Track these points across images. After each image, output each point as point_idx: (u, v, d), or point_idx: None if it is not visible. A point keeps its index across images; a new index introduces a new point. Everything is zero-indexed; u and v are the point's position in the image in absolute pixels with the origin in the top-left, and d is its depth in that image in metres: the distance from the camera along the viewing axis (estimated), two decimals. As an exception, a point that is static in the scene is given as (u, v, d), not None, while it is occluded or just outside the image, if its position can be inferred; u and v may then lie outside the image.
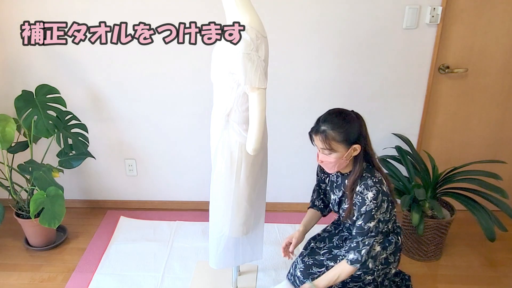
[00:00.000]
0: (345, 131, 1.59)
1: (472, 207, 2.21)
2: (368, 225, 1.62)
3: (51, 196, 2.23)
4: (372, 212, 1.61)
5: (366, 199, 1.61)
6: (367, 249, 1.63)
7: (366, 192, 1.61)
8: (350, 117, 1.62)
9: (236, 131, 1.70)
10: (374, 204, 1.60)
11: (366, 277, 1.74)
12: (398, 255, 1.81)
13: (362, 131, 1.62)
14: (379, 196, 1.61)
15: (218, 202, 1.86)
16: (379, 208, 1.61)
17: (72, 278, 2.29)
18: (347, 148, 1.61)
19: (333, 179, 1.82)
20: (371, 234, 1.62)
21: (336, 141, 1.59)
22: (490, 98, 2.54)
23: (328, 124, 1.60)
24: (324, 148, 1.62)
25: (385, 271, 1.78)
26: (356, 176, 1.65)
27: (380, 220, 1.63)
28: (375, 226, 1.62)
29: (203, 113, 2.54)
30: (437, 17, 2.30)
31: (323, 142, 1.61)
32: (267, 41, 1.64)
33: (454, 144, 2.68)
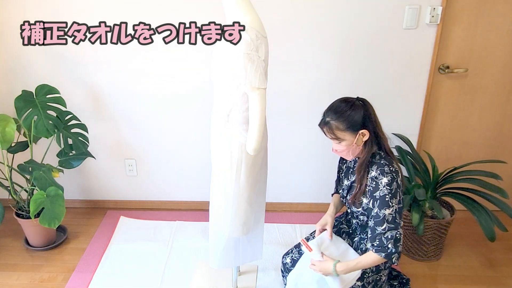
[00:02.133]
0: (347, 119, 1.59)
1: (472, 207, 2.21)
2: (383, 212, 1.58)
3: (51, 196, 2.23)
4: (386, 198, 1.58)
5: (380, 184, 1.59)
6: (392, 242, 1.59)
7: (381, 177, 1.60)
8: (352, 104, 1.62)
9: (236, 131, 1.70)
10: (388, 190, 1.58)
11: (356, 283, 1.73)
12: (389, 263, 1.79)
13: (369, 116, 1.62)
14: (393, 183, 1.59)
15: (218, 202, 1.86)
16: (393, 196, 1.59)
17: (72, 278, 2.29)
18: (354, 134, 1.60)
19: (350, 165, 1.81)
20: (390, 226, 1.58)
21: (340, 130, 1.60)
22: (490, 98, 2.54)
23: (331, 114, 1.62)
24: (332, 138, 1.63)
25: (375, 278, 1.76)
26: (363, 159, 1.64)
27: (396, 210, 1.59)
28: (391, 215, 1.58)
29: (203, 113, 2.54)
30: (437, 17, 2.30)
31: (329, 132, 1.63)
32: (267, 41, 1.64)
33: (454, 144, 2.68)
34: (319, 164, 2.75)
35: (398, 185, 1.61)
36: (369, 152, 1.64)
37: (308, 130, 2.63)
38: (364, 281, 1.73)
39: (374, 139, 1.65)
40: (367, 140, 1.64)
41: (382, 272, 1.76)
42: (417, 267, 2.38)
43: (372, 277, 1.74)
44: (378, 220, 1.60)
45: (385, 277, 1.80)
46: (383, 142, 1.66)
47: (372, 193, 1.62)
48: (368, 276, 1.73)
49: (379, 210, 1.60)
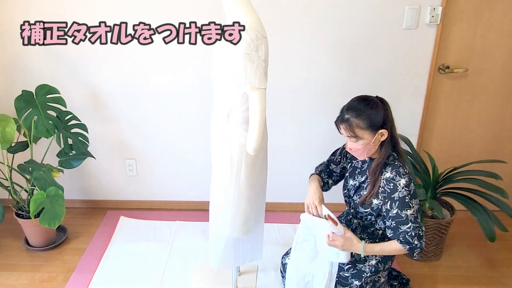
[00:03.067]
0: (369, 118, 1.58)
1: (472, 207, 2.21)
2: (405, 213, 1.59)
3: (51, 196, 2.23)
4: (406, 199, 1.58)
5: (398, 185, 1.59)
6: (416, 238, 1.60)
7: (399, 179, 1.60)
8: (374, 103, 1.61)
9: (236, 131, 1.70)
10: (407, 191, 1.58)
11: (354, 282, 1.73)
12: (389, 264, 1.80)
13: (388, 116, 1.61)
14: (411, 184, 1.59)
15: (218, 202, 1.86)
16: (412, 197, 1.59)
17: (72, 278, 2.29)
18: (373, 134, 1.60)
19: (357, 165, 1.80)
20: (414, 225, 1.59)
21: (360, 128, 1.59)
22: (490, 98, 2.54)
23: (352, 112, 1.60)
24: (350, 136, 1.62)
25: (373, 278, 1.76)
26: (380, 159, 1.64)
27: (416, 210, 1.60)
28: (413, 215, 1.58)
29: (203, 113, 2.54)
30: (437, 17, 2.30)
31: (348, 130, 1.61)
32: (267, 41, 1.64)
33: (454, 144, 2.67)
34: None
35: (414, 186, 1.62)
36: (386, 153, 1.63)
37: (308, 130, 2.63)
38: (362, 281, 1.73)
39: (390, 140, 1.64)
40: (383, 141, 1.63)
41: (381, 273, 1.76)
42: (417, 267, 2.38)
43: (371, 278, 1.74)
44: (401, 220, 1.60)
45: (384, 278, 1.80)
46: (397, 145, 1.66)
47: (390, 195, 1.61)
48: (367, 277, 1.72)
49: (400, 211, 1.59)
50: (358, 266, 1.73)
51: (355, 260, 1.75)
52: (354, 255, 1.76)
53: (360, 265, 1.73)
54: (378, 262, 1.74)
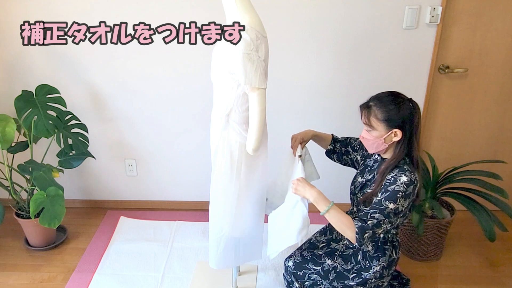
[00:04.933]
0: (389, 112, 1.56)
1: (472, 207, 2.21)
2: (387, 203, 1.55)
3: (51, 196, 2.23)
4: (398, 194, 1.54)
5: (398, 180, 1.55)
6: (374, 223, 1.55)
7: (401, 175, 1.56)
8: (401, 101, 1.58)
9: (236, 131, 1.70)
10: (404, 188, 1.54)
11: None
12: (392, 270, 1.79)
13: (411, 119, 1.57)
14: (410, 186, 1.55)
15: (218, 202, 1.86)
16: (404, 197, 1.55)
17: (72, 278, 2.29)
18: (387, 130, 1.57)
19: (369, 164, 1.78)
20: (386, 214, 1.55)
21: (377, 119, 1.58)
22: (490, 98, 2.54)
23: (376, 101, 1.59)
24: (366, 123, 1.61)
25: (377, 283, 1.76)
26: (392, 161, 1.60)
27: (399, 209, 1.55)
28: (393, 211, 1.55)
29: (203, 113, 2.54)
30: (437, 17, 2.30)
31: (365, 117, 1.61)
32: (267, 41, 1.64)
33: (454, 144, 2.68)
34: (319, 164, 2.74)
35: (413, 193, 1.58)
36: (398, 157, 1.60)
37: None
38: (366, 286, 1.73)
39: (407, 145, 1.60)
40: (399, 143, 1.60)
41: (385, 278, 1.76)
42: (417, 267, 2.38)
43: (375, 283, 1.74)
44: (377, 206, 1.56)
45: (387, 283, 1.80)
46: (413, 151, 1.61)
47: (386, 187, 1.57)
48: (371, 282, 1.73)
49: (384, 200, 1.55)
50: (363, 274, 1.73)
51: (360, 267, 1.75)
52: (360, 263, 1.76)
53: (365, 273, 1.73)
54: (383, 268, 1.73)
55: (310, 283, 1.80)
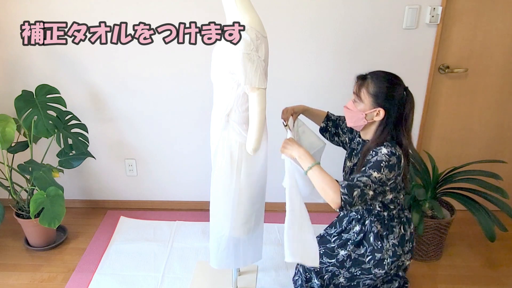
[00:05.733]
0: (380, 88, 1.55)
1: (472, 207, 2.21)
2: (371, 171, 1.50)
3: (51, 196, 2.23)
4: (382, 164, 1.50)
5: (379, 152, 1.52)
6: (361, 186, 1.48)
7: (380, 148, 1.53)
8: (396, 83, 1.57)
9: (236, 131, 1.70)
10: (386, 158, 1.50)
11: (378, 271, 1.70)
12: (409, 247, 1.73)
13: (400, 105, 1.54)
14: (393, 157, 1.51)
15: (219, 202, 1.86)
16: (388, 168, 1.50)
17: (72, 278, 2.29)
18: (372, 106, 1.56)
19: (354, 147, 1.77)
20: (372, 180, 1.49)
21: (367, 92, 1.57)
22: (490, 98, 2.54)
23: (374, 75, 1.59)
24: (355, 93, 1.61)
25: (397, 263, 1.71)
26: (372, 144, 1.58)
27: (383, 179, 1.50)
28: (377, 179, 1.49)
29: (203, 113, 2.54)
30: (437, 17, 2.30)
31: (357, 87, 1.60)
32: (267, 41, 1.64)
33: (454, 144, 2.68)
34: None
35: (398, 166, 1.52)
36: (379, 140, 1.57)
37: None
38: (386, 268, 1.69)
39: (389, 130, 1.57)
40: (380, 125, 1.57)
41: (403, 256, 1.72)
42: (417, 267, 2.38)
43: (394, 264, 1.71)
44: (361, 173, 1.51)
45: (408, 261, 1.76)
46: (402, 139, 1.57)
47: (369, 160, 1.54)
48: (389, 264, 1.69)
49: (368, 169, 1.51)
50: (376, 255, 1.70)
51: (373, 249, 1.71)
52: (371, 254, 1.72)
53: (378, 254, 1.70)
54: (395, 246, 1.69)
55: (329, 275, 1.77)
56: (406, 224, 1.74)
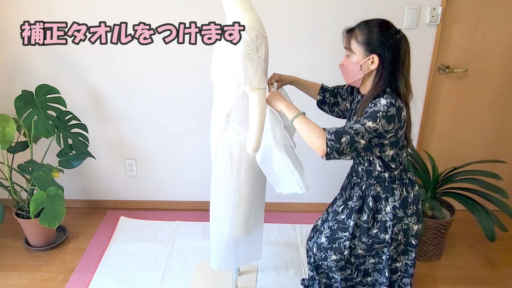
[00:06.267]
0: (370, 34, 1.49)
1: (472, 207, 2.21)
2: (365, 121, 1.44)
3: (51, 196, 2.23)
4: (378, 114, 1.44)
5: (378, 103, 1.46)
6: (351, 133, 1.43)
7: (379, 99, 1.47)
8: (386, 26, 1.50)
9: (236, 131, 1.70)
10: (384, 108, 1.44)
11: (384, 236, 1.66)
12: (412, 210, 1.67)
13: (394, 49, 1.47)
14: (392, 108, 1.45)
15: (219, 202, 1.86)
16: (386, 118, 1.44)
17: (72, 278, 2.29)
18: (365, 55, 1.50)
19: (353, 107, 1.72)
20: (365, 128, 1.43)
21: (357, 42, 1.51)
22: (490, 98, 2.54)
23: (362, 24, 1.53)
24: (346, 47, 1.55)
25: (400, 227, 1.67)
26: (370, 94, 1.52)
27: (380, 130, 1.44)
28: (372, 129, 1.44)
29: (203, 113, 2.54)
30: (437, 17, 2.30)
31: (346, 40, 1.54)
32: (267, 41, 1.64)
33: (454, 144, 2.68)
34: (319, 164, 2.75)
35: (397, 117, 1.46)
36: (377, 89, 1.51)
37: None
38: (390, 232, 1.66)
39: (386, 77, 1.51)
40: (377, 74, 1.51)
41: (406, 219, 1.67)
42: (417, 267, 2.38)
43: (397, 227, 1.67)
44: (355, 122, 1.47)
45: (416, 226, 1.69)
46: (400, 86, 1.51)
47: (366, 112, 1.48)
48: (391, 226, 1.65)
49: (363, 119, 1.46)
50: (377, 217, 1.68)
51: (374, 213, 1.68)
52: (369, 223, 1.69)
53: (379, 216, 1.67)
54: (395, 208, 1.65)
55: (348, 251, 1.73)
56: (409, 186, 1.67)
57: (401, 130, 1.51)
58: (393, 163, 1.61)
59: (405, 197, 1.66)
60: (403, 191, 1.66)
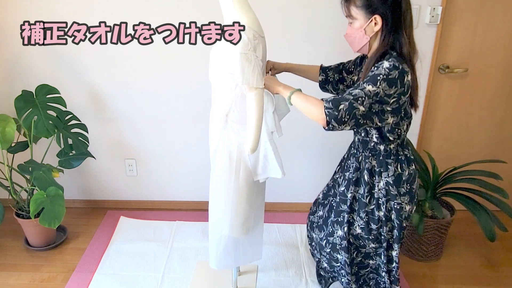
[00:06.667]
0: None
1: (472, 207, 2.21)
2: (365, 85, 1.42)
3: (51, 196, 2.23)
4: (378, 77, 1.41)
5: (380, 66, 1.44)
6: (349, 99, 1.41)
7: (383, 62, 1.44)
8: None
9: (235, 131, 1.70)
10: (386, 71, 1.41)
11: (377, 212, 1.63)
12: (406, 189, 1.63)
13: (395, 5, 1.44)
14: (394, 71, 1.41)
15: (218, 202, 1.86)
16: (387, 82, 1.41)
17: (72, 278, 2.29)
18: (367, 17, 1.48)
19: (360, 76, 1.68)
20: (365, 93, 1.41)
21: (355, 6, 1.49)
22: (490, 98, 2.54)
23: None
24: (347, 15, 1.53)
25: (393, 206, 1.63)
26: (374, 54, 1.50)
27: (381, 94, 1.41)
28: (372, 93, 1.41)
29: (203, 113, 2.54)
30: (437, 17, 2.30)
31: (346, 8, 1.52)
32: (265, 41, 1.64)
33: (454, 144, 2.68)
34: (319, 164, 2.75)
35: (400, 81, 1.42)
36: (379, 49, 1.49)
37: (307, 129, 2.63)
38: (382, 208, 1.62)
39: (390, 36, 1.48)
40: (381, 34, 1.49)
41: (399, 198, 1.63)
42: (417, 267, 2.38)
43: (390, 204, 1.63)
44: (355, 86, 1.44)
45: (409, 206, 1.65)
46: (403, 46, 1.47)
47: (367, 76, 1.46)
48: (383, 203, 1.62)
49: (363, 83, 1.43)
50: (373, 193, 1.66)
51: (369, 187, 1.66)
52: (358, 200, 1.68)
53: (374, 191, 1.65)
54: (388, 184, 1.62)
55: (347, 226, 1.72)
56: (404, 163, 1.63)
57: (404, 96, 1.46)
58: (391, 135, 1.57)
59: (399, 174, 1.62)
60: (398, 167, 1.62)
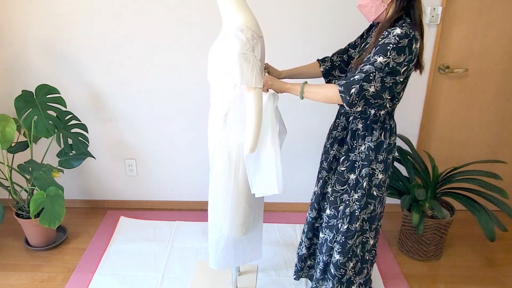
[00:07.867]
0: None
1: (472, 207, 2.20)
2: (375, 57, 1.42)
3: (51, 196, 2.23)
4: (388, 47, 1.40)
5: (391, 33, 1.42)
6: (362, 77, 1.42)
7: (395, 28, 1.42)
8: None
9: (234, 131, 1.70)
10: (395, 40, 1.40)
11: (350, 176, 1.67)
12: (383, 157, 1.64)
13: None
14: (404, 39, 1.40)
15: (217, 202, 1.86)
16: (396, 50, 1.40)
17: (72, 278, 2.29)
18: None
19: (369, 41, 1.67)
20: (376, 67, 1.42)
21: None
22: (490, 98, 2.54)
23: None
24: None
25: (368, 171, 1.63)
26: (387, 19, 1.48)
27: (390, 65, 1.41)
28: (383, 65, 1.41)
29: (203, 113, 2.54)
30: (437, 17, 2.30)
31: None
32: (263, 41, 1.64)
33: (454, 144, 2.67)
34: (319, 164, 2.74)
35: (409, 48, 1.42)
36: (393, 15, 1.48)
37: (307, 129, 2.63)
38: (356, 173, 1.64)
39: (405, 2, 1.47)
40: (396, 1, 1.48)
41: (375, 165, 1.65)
42: (417, 267, 2.38)
43: (365, 171, 1.65)
44: (365, 61, 1.44)
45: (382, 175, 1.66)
46: (415, 12, 1.47)
47: (378, 43, 1.44)
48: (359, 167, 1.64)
49: (373, 55, 1.43)
50: (350, 156, 1.67)
51: (348, 148, 1.68)
52: None
53: (351, 154, 1.67)
54: (369, 149, 1.63)
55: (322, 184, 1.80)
56: (388, 132, 1.65)
57: (411, 63, 1.46)
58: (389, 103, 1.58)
59: (380, 142, 1.64)
60: (381, 135, 1.64)
